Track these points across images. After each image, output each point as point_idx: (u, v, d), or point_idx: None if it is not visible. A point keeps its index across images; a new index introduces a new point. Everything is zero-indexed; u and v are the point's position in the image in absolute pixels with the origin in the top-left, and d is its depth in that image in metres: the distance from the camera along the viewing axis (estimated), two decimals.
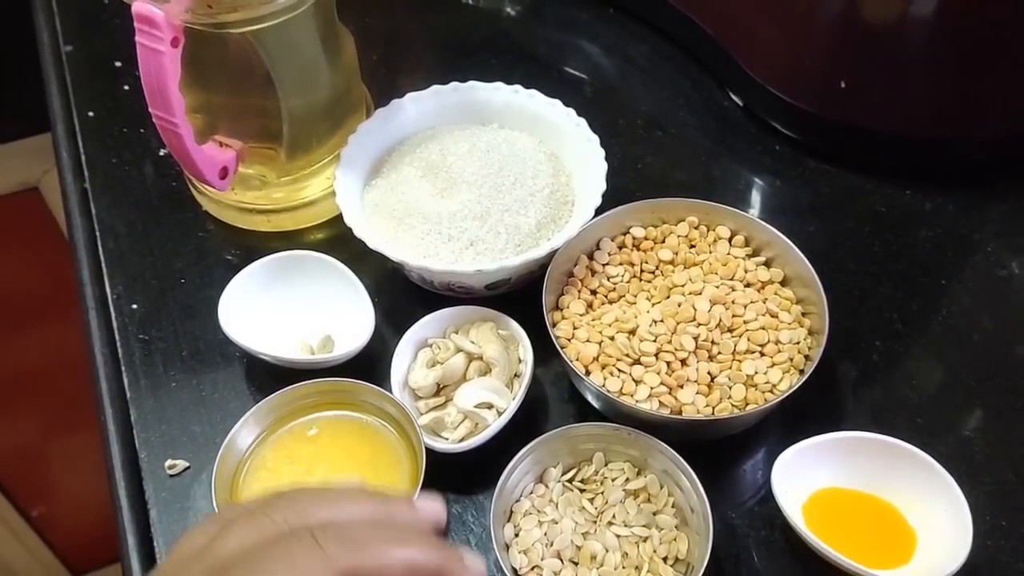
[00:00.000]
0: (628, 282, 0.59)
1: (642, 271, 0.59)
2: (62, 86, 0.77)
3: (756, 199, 0.69)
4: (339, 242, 0.64)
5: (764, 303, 0.57)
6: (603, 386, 0.53)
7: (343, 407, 0.56)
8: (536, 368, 0.56)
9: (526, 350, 0.56)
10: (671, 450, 0.51)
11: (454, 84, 0.67)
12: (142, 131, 0.73)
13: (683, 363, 0.54)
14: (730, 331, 0.55)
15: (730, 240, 0.60)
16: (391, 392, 0.55)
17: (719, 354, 0.55)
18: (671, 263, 0.60)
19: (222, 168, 0.61)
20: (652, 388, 0.53)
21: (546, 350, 0.56)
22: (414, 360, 0.58)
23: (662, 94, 0.76)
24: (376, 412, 0.55)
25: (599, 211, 0.60)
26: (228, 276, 0.60)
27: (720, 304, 0.56)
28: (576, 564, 0.50)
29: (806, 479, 0.52)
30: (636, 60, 0.79)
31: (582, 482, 0.53)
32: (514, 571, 0.50)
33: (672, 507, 0.52)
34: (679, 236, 0.60)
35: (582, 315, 0.58)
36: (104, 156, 0.72)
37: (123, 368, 0.61)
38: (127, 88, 0.76)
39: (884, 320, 0.62)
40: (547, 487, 0.53)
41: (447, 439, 0.55)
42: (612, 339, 0.55)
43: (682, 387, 0.54)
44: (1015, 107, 0.66)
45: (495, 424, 0.54)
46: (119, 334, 0.62)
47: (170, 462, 0.56)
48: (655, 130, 0.73)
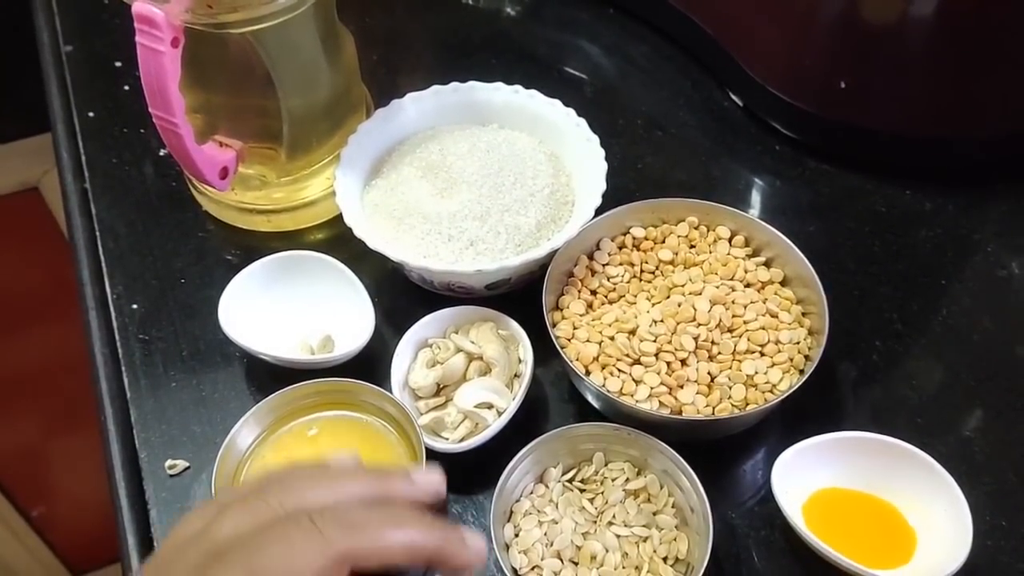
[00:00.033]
0: (628, 282, 0.59)
1: (642, 271, 0.59)
2: (62, 86, 0.77)
3: (756, 199, 0.69)
4: (339, 242, 0.64)
5: (764, 303, 0.57)
6: (603, 386, 0.53)
7: (343, 407, 0.56)
8: (536, 368, 0.56)
9: (526, 350, 0.56)
10: (671, 450, 0.51)
11: (454, 84, 0.67)
12: (142, 131, 0.73)
13: (683, 363, 0.54)
14: (730, 331, 0.55)
15: (730, 240, 0.60)
16: (391, 392, 0.55)
17: (719, 354, 0.55)
18: (671, 263, 0.60)
19: (222, 168, 0.61)
20: (652, 388, 0.53)
21: (546, 350, 0.56)
22: (414, 360, 0.58)
23: (662, 94, 0.76)
24: (376, 412, 0.55)
25: (599, 211, 0.60)
26: (228, 276, 0.60)
27: (720, 304, 0.56)
28: (576, 564, 0.50)
29: (806, 479, 0.52)
30: (636, 60, 0.79)
31: (582, 482, 0.53)
32: (514, 571, 0.50)
33: (672, 507, 0.52)
34: (679, 236, 0.60)
35: (582, 315, 0.57)
36: (104, 156, 0.72)
37: (123, 368, 0.61)
38: (127, 88, 0.76)
39: (884, 320, 0.62)
40: (547, 487, 0.53)
41: (447, 439, 0.55)
42: (612, 339, 0.55)
43: (682, 387, 0.54)
44: (1015, 107, 0.66)
45: (495, 424, 0.54)
46: (119, 334, 0.62)
47: (170, 462, 0.56)
48: (655, 130, 0.73)
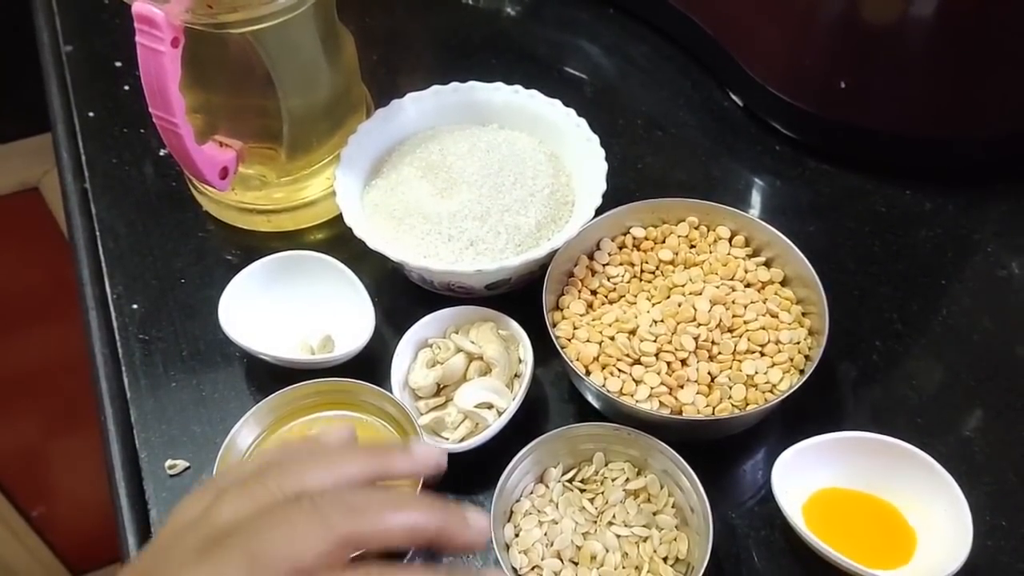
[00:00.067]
0: (628, 282, 0.59)
1: (642, 271, 0.59)
2: (62, 86, 0.77)
3: (756, 199, 0.69)
4: (339, 242, 0.64)
5: (764, 303, 0.56)
6: (603, 386, 0.53)
7: (343, 407, 0.56)
8: (536, 368, 0.56)
9: (526, 350, 0.56)
10: (671, 450, 0.51)
11: (454, 84, 0.67)
12: (142, 131, 0.73)
13: (683, 363, 0.54)
14: (730, 331, 0.55)
15: (730, 240, 0.60)
16: (391, 392, 0.55)
17: (719, 354, 0.55)
18: (671, 263, 0.60)
19: (222, 168, 0.61)
20: (652, 388, 0.53)
21: (546, 350, 0.56)
22: (414, 360, 0.58)
23: (662, 94, 0.76)
24: (376, 412, 0.55)
25: (599, 211, 0.60)
26: (228, 276, 0.60)
27: (720, 304, 0.56)
28: (576, 564, 0.50)
29: (806, 479, 0.52)
30: (636, 60, 0.79)
31: (582, 482, 0.53)
32: (514, 571, 0.50)
33: (672, 507, 0.52)
34: (679, 236, 0.60)
35: (582, 315, 0.57)
36: (104, 156, 0.72)
37: (123, 368, 0.61)
38: (127, 88, 0.76)
39: (884, 320, 0.62)
40: (547, 487, 0.53)
41: (447, 439, 0.55)
42: (612, 339, 0.55)
43: (682, 387, 0.54)
44: (1015, 107, 0.66)
45: (495, 424, 0.54)
46: (119, 334, 0.62)
47: (170, 462, 0.56)
48: (655, 130, 0.73)
